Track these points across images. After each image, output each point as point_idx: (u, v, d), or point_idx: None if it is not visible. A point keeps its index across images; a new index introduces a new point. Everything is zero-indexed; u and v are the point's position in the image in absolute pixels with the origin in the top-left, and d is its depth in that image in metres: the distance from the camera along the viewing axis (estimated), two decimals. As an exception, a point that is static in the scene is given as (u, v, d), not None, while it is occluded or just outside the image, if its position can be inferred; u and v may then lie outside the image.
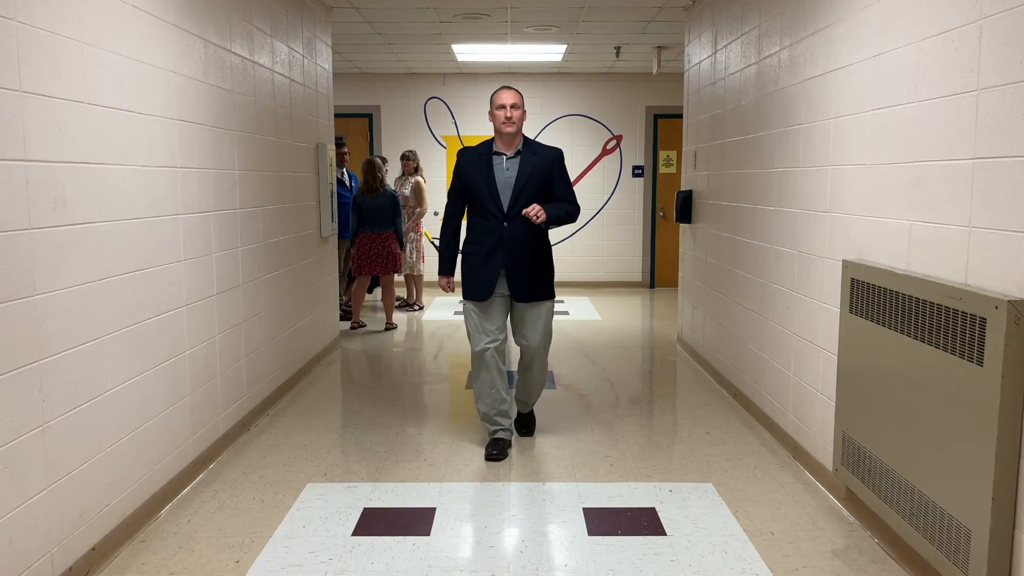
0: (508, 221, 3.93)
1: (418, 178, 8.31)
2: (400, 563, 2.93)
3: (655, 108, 10.34)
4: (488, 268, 3.94)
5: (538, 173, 3.95)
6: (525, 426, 4.38)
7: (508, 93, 3.94)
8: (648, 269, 10.60)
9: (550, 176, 3.99)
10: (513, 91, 3.96)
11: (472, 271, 4.00)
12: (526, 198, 3.92)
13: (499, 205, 3.93)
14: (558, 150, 4.06)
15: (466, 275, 4.03)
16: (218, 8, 4.05)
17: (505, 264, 3.94)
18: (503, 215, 3.93)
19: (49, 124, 2.60)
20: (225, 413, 4.16)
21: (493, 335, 4.00)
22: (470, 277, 4.01)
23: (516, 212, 3.92)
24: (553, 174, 3.99)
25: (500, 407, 4.08)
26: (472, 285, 4.00)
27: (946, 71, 2.65)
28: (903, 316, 2.78)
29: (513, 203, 3.92)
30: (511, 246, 3.93)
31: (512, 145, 3.98)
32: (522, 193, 3.92)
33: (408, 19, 7.03)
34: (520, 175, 3.92)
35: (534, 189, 3.94)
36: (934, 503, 2.60)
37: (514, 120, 3.90)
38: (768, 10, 4.46)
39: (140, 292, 3.22)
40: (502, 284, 3.98)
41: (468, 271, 4.02)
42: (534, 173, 3.94)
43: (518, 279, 3.96)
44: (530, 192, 3.93)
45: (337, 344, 6.68)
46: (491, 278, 3.95)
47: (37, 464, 2.54)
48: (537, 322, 4.04)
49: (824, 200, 3.65)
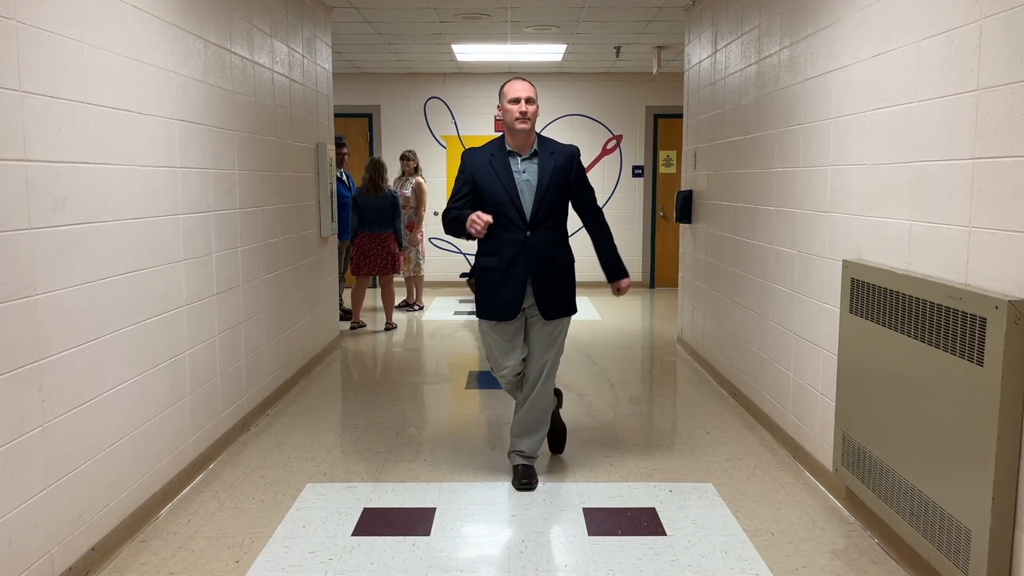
0: (532, 230, 3.51)
1: (419, 178, 8.31)
2: (400, 563, 2.93)
3: (655, 108, 10.34)
4: (510, 283, 3.51)
5: (560, 174, 3.55)
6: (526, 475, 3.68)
7: (522, 85, 3.50)
8: (648, 269, 10.60)
9: (570, 177, 3.59)
10: (527, 83, 3.53)
11: (492, 287, 3.55)
12: (550, 203, 3.53)
13: (521, 213, 3.50)
14: (575, 148, 3.66)
15: (483, 292, 3.58)
16: (218, 8, 4.05)
17: (531, 278, 3.52)
18: (526, 224, 3.51)
19: (49, 124, 2.60)
20: (225, 413, 4.16)
21: (516, 358, 3.62)
22: (489, 293, 3.56)
23: (540, 219, 3.52)
24: (574, 177, 3.61)
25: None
26: (492, 303, 3.55)
27: (946, 71, 2.65)
28: (903, 316, 2.78)
29: (537, 210, 3.51)
30: (536, 258, 3.51)
31: (527, 144, 3.56)
32: (545, 198, 3.51)
33: (408, 19, 7.03)
34: (541, 178, 3.52)
35: (556, 193, 3.55)
36: (934, 503, 2.60)
37: (529, 116, 3.47)
38: (768, 10, 4.46)
39: (140, 292, 3.22)
40: (527, 301, 3.56)
41: (486, 287, 3.57)
42: (555, 176, 3.54)
43: (546, 294, 3.54)
44: (553, 197, 3.53)
45: (337, 344, 6.69)
46: (515, 295, 3.51)
47: (37, 464, 2.54)
48: (556, 338, 3.64)
49: (824, 200, 3.65)
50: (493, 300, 3.55)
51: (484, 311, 3.59)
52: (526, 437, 3.71)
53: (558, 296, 3.58)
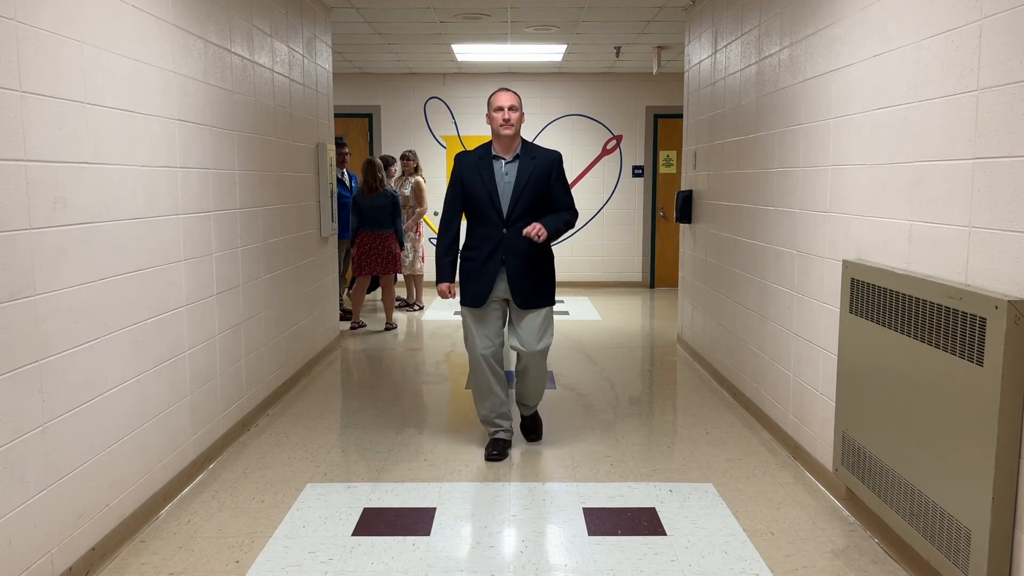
0: (508, 227, 3.89)
1: (418, 178, 8.31)
2: (400, 563, 2.93)
3: (655, 108, 10.34)
4: (486, 274, 3.91)
5: (537, 177, 3.90)
6: (533, 431, 4.30)
7: (506, 95, 3.90)
8: (648, 269, 10.60)
9: (549, 180, 3.94)
10: (511, 93, 3.92)
11: (470, 277, 3.97)
12: (525, 203, 3.89)
13: (499, 211, 3.89)
14: (557, 153, 4.02)
15: (463, 281, 4.01)
16: (218, 8, 4.05)
17: (506, 270, 3.90)
18: (502, 221, 3.89)
19: (49, 124, 2.60)
20: (225, 413, 4.16)
21: (490, 339, 3.98)
22: (467, 283, 3.98)
23: (516, 218, 3.88)
24: (552, 178, 3.95)
25: (499, 409, 4.06)
26: (469, 291, 3.97)
27: (946, 71, 2.65)
28: (903, 316, 2.78)
29: (512, 208, 3.88)
30: (511, 252, 3.89)
31: (511, 148, 3.94)
32: (521, 198, 3.88)
33: (408, 19, 7.03)
34: (519, 179, 3.89)
35: (533, 194, 3.90)
36: (934, 503, 2.60)
37: (512, 122, 3.86)
38: (768, 10, 4.46)
39: (140, 292, 3.22)
40: (501, 289, 3.93)
41: (465, 277, 4.00)
42: (533, 177, 3.90)
43: (520, 285, 3.91)
44: (529, 197, 3.89)
45: (337, 344, 6.69)
46: (488, 284, 3.91)
47: (37, 464, 2.54)
48: (535, 327, 3.98)
49: (824, 200, 3.65)
50: (468, 289, 3.99)
51: (462, 297, 4.04)
52: (527, 399, 4.22)
53: (531, 289, 3.95)
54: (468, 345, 4.04)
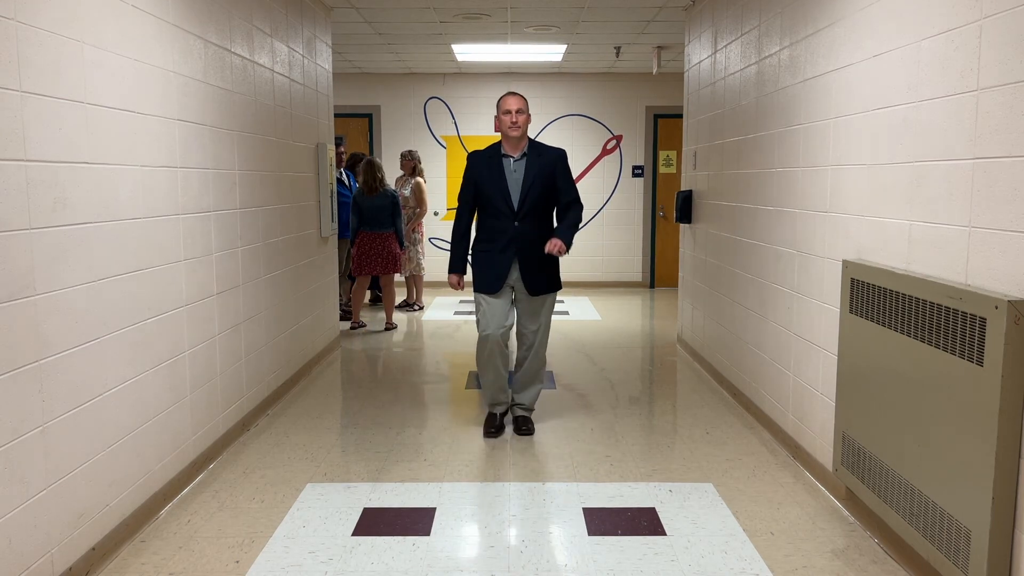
0: (519, 220, 4.21)
1: (418, 178, 8.30)
2: (400, 563, 2.93)
3: (655, 108, 10.34)
4: (500, 262, 4.21)
5: (544, 172, 4.23)
6: (524, 425, 4.42)
7: (514, 99, 4.20)
8: (648, 269, 10.60)
9: (555, 175, 4.27)
10: (519, 97, 4.22)
11: (484, 265, 4.27)
12: (534, 197, 4.21)
13: (510, 204, 4.21)
14: (561, 150, 4.35)
15: (477, 269, 4.31)
16: (218, 8, 4.05)
17: (518, 260, 4.21)
18: (513, 214, 4.21)
19: (49, 124, 2.60)
20: (225, 413, 4.16)
21: (500, 322, 4.25)
22: (482, 270, 4.28)
23: (526, 211, 4.21)
24: (557, 171, 4.27)
25: (500, 383, 4.39)
26: (484, 278, 4.27)
27: (946, 71, 2.65)
28: (903, 316, 2.78)
29: (522, 202, 4.20)
30: (523, 243, 4.21)
31: (519, 148, 4.26)
32: (530, 193, 4.20)
33: (408, 19, 7.03)
34: (527, 175, 4.21)
35: (540, 188, 4.23)
36: (934, 503, 2.60)
37: (520, 124, 4.17)
38: (768, 10, 4.46)
39: (140, 292, 3.22)
40: (513, 277, 4.24)
41: (479, 265, 4.30)
42: (540, 172, 4.22)
43: (532, 274, 4.24)
44: (537, 191, 4.22)
45: (337, 344, 6.68)
46: (502, 272, 4.22)
47: (37, 464, 2.54)
48: (541, 311, 4.35)
49: (824, 200, 3.65)
50: (484, 276, 4.28)
51: (477, 284, 4.32)
52: (524, 391, 4.48)
53: (542, 276, 4.29)
54: (480, 326, 4.32)
